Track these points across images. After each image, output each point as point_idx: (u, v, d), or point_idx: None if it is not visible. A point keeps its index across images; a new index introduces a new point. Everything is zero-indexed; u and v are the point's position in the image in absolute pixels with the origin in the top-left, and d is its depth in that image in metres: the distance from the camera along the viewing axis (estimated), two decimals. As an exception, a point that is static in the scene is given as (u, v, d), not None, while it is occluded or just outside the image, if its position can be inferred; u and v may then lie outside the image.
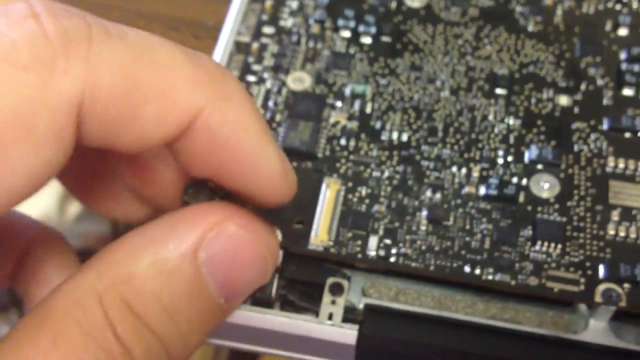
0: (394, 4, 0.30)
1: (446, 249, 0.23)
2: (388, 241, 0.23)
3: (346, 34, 0.29)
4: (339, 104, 0.26)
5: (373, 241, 0.23)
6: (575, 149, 0.25)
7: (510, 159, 0.25)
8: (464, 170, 0.25)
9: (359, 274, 0.23)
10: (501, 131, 0.26)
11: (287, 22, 0.29)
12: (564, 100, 0.27)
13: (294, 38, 0.28)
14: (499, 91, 0.27)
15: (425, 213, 0.24)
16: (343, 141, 0.25)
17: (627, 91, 0.27)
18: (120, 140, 0.17)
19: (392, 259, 0.23)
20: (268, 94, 0.27)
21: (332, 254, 0.23)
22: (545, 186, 0.24)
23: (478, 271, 0.22)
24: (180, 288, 0.18)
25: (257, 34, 0.28)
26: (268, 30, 0.29)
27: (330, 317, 0.22)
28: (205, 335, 0.19)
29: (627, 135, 0.26)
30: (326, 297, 0.23)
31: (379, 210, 0.24)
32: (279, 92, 0.27)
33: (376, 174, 0.25)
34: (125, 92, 0.17)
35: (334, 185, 0.24)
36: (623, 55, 0.28)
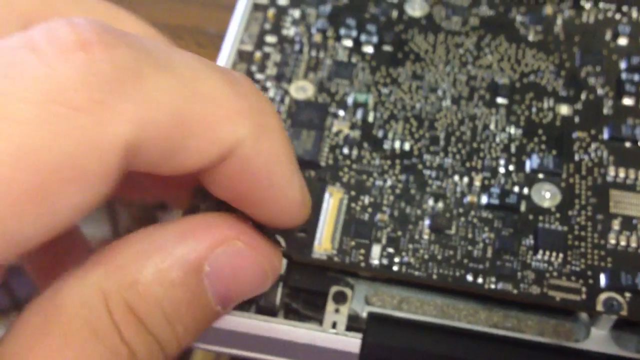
0: (395, 13, 0.30)
1: (448, 257, 0.23)
2: (391, 250, 0.23)
3: (348, 43, 0.29)
4: (341, 112, 0.27)
5: (376, 250, 0.23)
6: (576, 158, 0.26)
7: (511, 168, 0.25)
8: (465, 180, 0.25)
9: (362, 282, 0.23)
10: (502, 140, 0.26)
11: (289, 31, 0.29)
12: (564, 109, 0.27)
13: (297, 47, 0.29)
14: (500, 100, 0.27)
15: (427, 222, 0.24)
16: (346, 150, 0.26)
17: (627, 100, 0.27)
18: (159, 169, 0.17)
19: (395, 268, 0.23)
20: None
21: (336, 262, 0.23)
22: (546, 195, 0.25)
23: (480, 280, 0.23)
24: (181, 297, 0.18)
25: (260, 43, 0.29)
26: (270, 39, 0.29)
27: (334, 325, 0.23)
28: (197, 336, 0.19)
29: (628, 144, 0.26)
30: (330, 306, 0.23)
31: (381, 219, 0.24)
32: (281, 101, 0.27)
33: (379, 182, 0.25)
34: (173, 129, 0.17)
35: (337, 194, 0.24)
36: (623, 65, 0.28)
